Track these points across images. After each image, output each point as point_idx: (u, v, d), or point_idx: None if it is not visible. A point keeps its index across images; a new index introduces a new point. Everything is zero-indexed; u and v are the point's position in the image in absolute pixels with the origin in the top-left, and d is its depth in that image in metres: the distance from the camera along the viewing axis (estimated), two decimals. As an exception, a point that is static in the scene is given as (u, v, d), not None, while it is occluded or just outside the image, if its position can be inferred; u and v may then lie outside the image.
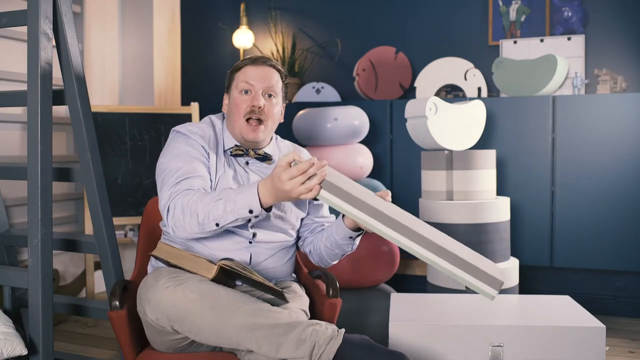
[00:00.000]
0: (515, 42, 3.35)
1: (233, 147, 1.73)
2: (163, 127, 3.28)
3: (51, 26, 1.86)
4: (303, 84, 3.86)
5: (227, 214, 1.49)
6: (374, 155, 3.26)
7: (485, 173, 2.73)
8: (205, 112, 3.08)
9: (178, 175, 1.60)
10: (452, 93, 3.52)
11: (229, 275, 1.55)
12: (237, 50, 4.08)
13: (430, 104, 2.71)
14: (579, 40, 3.22)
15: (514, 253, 3.04)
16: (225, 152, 1.74)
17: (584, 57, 3.23)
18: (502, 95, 3.31)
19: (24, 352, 1.70)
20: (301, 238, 1.84)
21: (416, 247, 1.41)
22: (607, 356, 2.51)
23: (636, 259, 2.91)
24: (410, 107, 2.82)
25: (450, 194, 2.72)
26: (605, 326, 1.94)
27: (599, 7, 3.31)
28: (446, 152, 2.72)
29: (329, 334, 1.41)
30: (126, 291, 1.70)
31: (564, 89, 3.21)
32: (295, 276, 1.88)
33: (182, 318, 1.45)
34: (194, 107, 3.37)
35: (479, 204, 2.67)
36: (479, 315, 2.07)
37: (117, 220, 3.07)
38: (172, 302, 1.45)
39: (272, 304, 1.53)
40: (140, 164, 3.24)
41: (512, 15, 3.46)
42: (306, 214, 1.81)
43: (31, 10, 1.82)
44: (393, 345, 1.94)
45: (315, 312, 1.78)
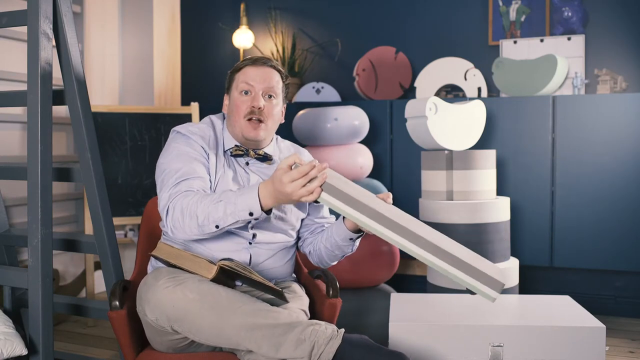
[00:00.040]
0: (515, 42, 3.35)
1: (233, 147, 1.72)
2: (163, 127, 3.28)
3: (51, 26, 1.86)
4: (303, 84, 3.86)
5: (227, 216, 1.49)
6: (374, 155, 3.26)
7: (485, 173, 2.73)
8: (205, 112, 3.07)
9: (177, 177, 1.60)
10: (452, 93, 3.52)
11: (228, 275, 1.55)
12: (237, 50, 4.08)
13: (430, 104, 2.71)
14: (579, 40, 3.22)
15: (514, 253, 3.04)
16: (225, 153, 1.73)
17: (584, 57, 3.23)
18: (502, 95, 3.31)
19: (24, 352, 1.70)
20: (301, 238, 1.83)
21: (417, 250, 1.41)
22: (607, 356, 2.51)
23: (636, 259, 2.91)
24: (410, 107, 2.82)
25: (450, 194, 2.72)
26: (605, 326, 1.94)
27: (599, 7, 3.31)
28: (446, 152, 2.72)
29: (329, 333, 1.41)
30: (126, 291, 1.70)
31: (564, 89, 3.21)
32: (295, 276, 1.88)
33: (181, 318, 1.45)
34: (194, 107, 3.37)
35: (479, 204, 2.67)
36: (479, 315, 2.07)
37: (117, 220, 3.07)
38: (172, 302, 1.45)
39: (271, 304, 1.53)
40: (140, 164, 3.24)
41: (512, 15, 3.46)
42: (306, 215, 1.81)
43: (31, 10, 1.82)
44: (393, 345, 1.94)
45: (315, 312, 1.78)
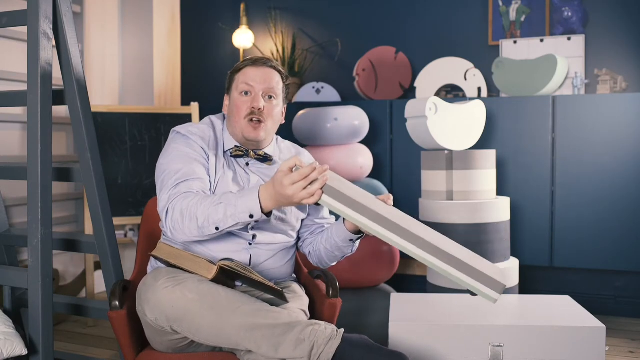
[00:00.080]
0: (515, 42, 3.35)
1: (233, 148, 1.72)
2: (163, 127, 3.28)
3: (51, 26, 1.86)
4: (303, 84, 3.86)
5: (227, 218, 1.49)
6: (374, 155, 3.26)
7: (485, 173, 2.73)
8: (205, 112, 3.08)
9: (177, 178, 1.60)
10: (452, 93, 3.52)
11: (228, 275, 1.55)
12: (237, 50, 4.08)
13: (430, 104, 2.71)
14: (579, 40, 3.22)
15: (514, 253, 3.04)
16: (225, 153, 1.73)
17: (584, 57, 3.23)
18: (502, 95, 3.31)
19: (24, 352, 1.70)
20: (301, 239, 1.83)
21: (418, 252, 1.41)
22: (607, 356, 2.50)
23: (636, 259, 2.91)
24: (410, 107, 2.82)
25: (450, 194, 2.72)
26: (605, 326, 1.94)
27: (599, 7, 3.31)
28: (446, 152, 2.72)
29: (328, 333, 1.41)
30: (126, 291, 1.70)
31: (564, 89, 3.21)
32: (295, 276, 1.88)
33: (181, 318, 1.45)
34: (194, 107, 3.37)
35: (479, 204, 2.67)
36: (479, 315, 2.07)
37: (117, 220, 3.07)
38: (171, 302, 1.45)
39: (271, 304, 1.53)
40: (140, 164, 3.24)
41: (512, 15, 3.46)
42: (306, 215, 1.80)
43: (31, 10, 1.82)
44: (393, 345, 1.94)
45: (315, 312, 1.78)
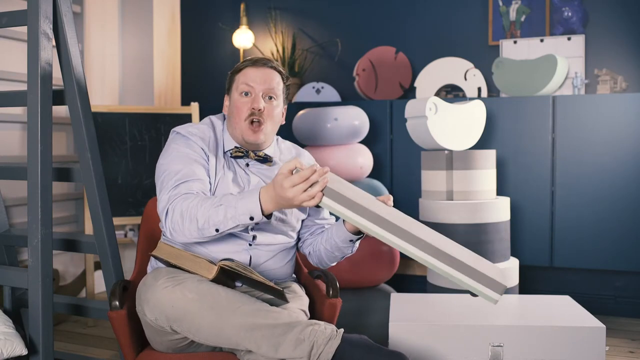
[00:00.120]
0: (515, 42, 3.35)
1: (233, 148, 1.72)
2: (163, 127, 3.28)
3: (51, 26, 1.86)
4: (303, 84, 3.86)
5: (227, 220, 1.49)
6: (374, 155, 3.26)
7: (485, 173, 2.73)
8: (205, 112, 3.08)
9: (177, 179, 1.60)
10: (452, 93, 3.52)
11: (229, 275, 1.55)
12: (237, 50, 4.08)
13: (430, 104, 2.71)
14: (579, 40, 3.22)
15: (514, 253, 3.04)
16: (225, 154, 1.73)
17: (584, 57, 3.23)
18: (502, 95, 3.31)
19: (24, 352, 1.70)
20: (301, 239, 1.83)
21: (419, 253, 1.41)
22: (607, 356, 2.51)
23: (636, 259, 2.91)
24: (410, 107, 2.82)
25: (450, 194, 2.72)
26: (605, 326, 1.94)
27: (599, 7, 3.31)
28: (446, 152, 2.72)
29: (328, 333, 1.41)
30: (126, 291, 1.70)
31: (564, 89, 3.21)
32: (295, 276, 1.88)
33: (180, 318, 1.45)
34: (194, 107, 3.37)
35: (479, 204, 2.67)
36: (479, 315, 2.07)
37: (117, 220, 3.07)
38: (171, 302, 1.45)
39: (271, 304, 1.53)
40: (140, 164, 3.24)
41: (512, 15, 3.46)
42: (307, 216, 1.80)
43: (31, 10, 1.82)
44: (393, 345, 1.94)
45: (315, 312, 1.78)
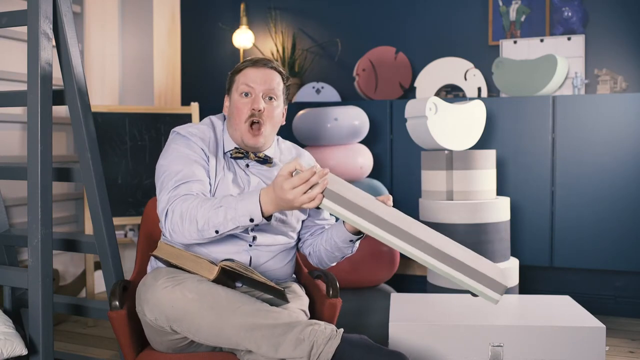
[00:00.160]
0: (515, 42, 3.35)
1: (233, 149, 1.72)
2: (163, 127, 3.28)
3: (51, 26, 1.86)
4: (303, 84, 3.86)
5: (227, 221, 1.49)
6: (374, 155, 3.26)
7: (485, 173, 2.73)
8: (205, 112, 3.08)
9: (177, 179, 1.60)
10: (452, 93, 3.52)
11: (229, 276, 1.55)
12: (237, 50, 4.08)
13: (430, 104, 2.71)
14: (579, 40, 3.22)
15: (514, 253, 3.04)
16: (225, 155, 1.73)
17: (584, 57, 3.23)
18: (502, 95, 3.31)
19: (24, 352, 1.70)
20: (301, 240, 1.83)
21: (419, 254, 1.41)
22: (607, 356, 2.50)
23: (636, 259, 2.91)
24: (410, 107, 2.82)
25: (450, 194, 2.72)
26: (605, 326, 1.94)
27: (599, 7, 3.31)
28: (446, 152, 2.72)
29: (328, 333, 1.41)
30: (126, 291, 1.70)
31: (564, 89, 3.21)
32: (295, 276, 1.88)
33: (180, 318, 1.45)
34: (194, 107, 3.37)
35: (479, 204, 2.67)
36: (479, 315, 2.07)
37: (117, 220, 3.07)
38: (171, 302, 1.44)
39: (271, 304, 1.53)
40: (140, 164, 3.24)
41: (512, 15, 3.46)
42: (307, 216, 1.80)
43: (31, 10, 1.82)
44: (393, 345, 1.94)
45: (315, 312, 1.78)
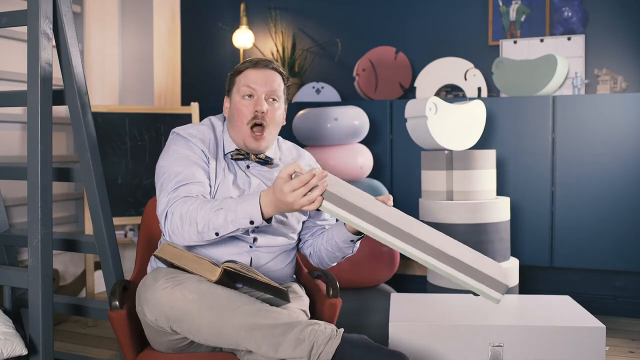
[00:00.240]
0: (515, 42, 3.35)
1: (234, 151, 1.72)
2: (163, 127, 3.28)
3: (51, 26, 1.86)
4: (303, 84, 3.86)
5: (227, 223, 1.49)
6: (374, 155, 3.26)
7: (485, 173, 2.73)
8: (205, 113, 3.08)
9: (177, 181, 1.60)
10: (452, 93, 3.52)
11: (231, 277, 1.55)
12: (237, 50, 4.08)
13: (430, 104, 2.71)
14: (579, 40, 3.22)
15: (514, 253, 3.04)
16: (226, 156, 1.73)
17: (584, 57, 3.23)
18: (502, 95, 3.31)
19: (24, 352, 1.70)
20: (301, 240, 1.83)
21: (420, 254, 1.41)
22: (607, 356, 2.50)
23: (636, 259, 2.91)
24: (410, 107, 2.82)
25: (450, 194, 2.72)
26: (605, 326, 1.94)
27: (599, 7, 3.31)
28: (446, 152, 2.72)
29: (328, 333, 1.41)
30: (126, 291, 1.70)
31: (564, 89, 3.21)
32: (295, 277, 1.88)
33: (180, 318, 1.45)
34: (194, 107, 3.37)
35: (479, 204, 2.67)
36: (479, 315, 2.07)
37: (117, 220, 3.07)
38: (171, 303, 1.44)
39: (271, 304, 1.53)
40: (140, 164, 3.24)
41: (512, 15, 3.46)
42: (307, 217, 1.80)
43: (31, 10, 1.82)
44: (393, 345, 1.94)
45: (315, 312, 1.78)
